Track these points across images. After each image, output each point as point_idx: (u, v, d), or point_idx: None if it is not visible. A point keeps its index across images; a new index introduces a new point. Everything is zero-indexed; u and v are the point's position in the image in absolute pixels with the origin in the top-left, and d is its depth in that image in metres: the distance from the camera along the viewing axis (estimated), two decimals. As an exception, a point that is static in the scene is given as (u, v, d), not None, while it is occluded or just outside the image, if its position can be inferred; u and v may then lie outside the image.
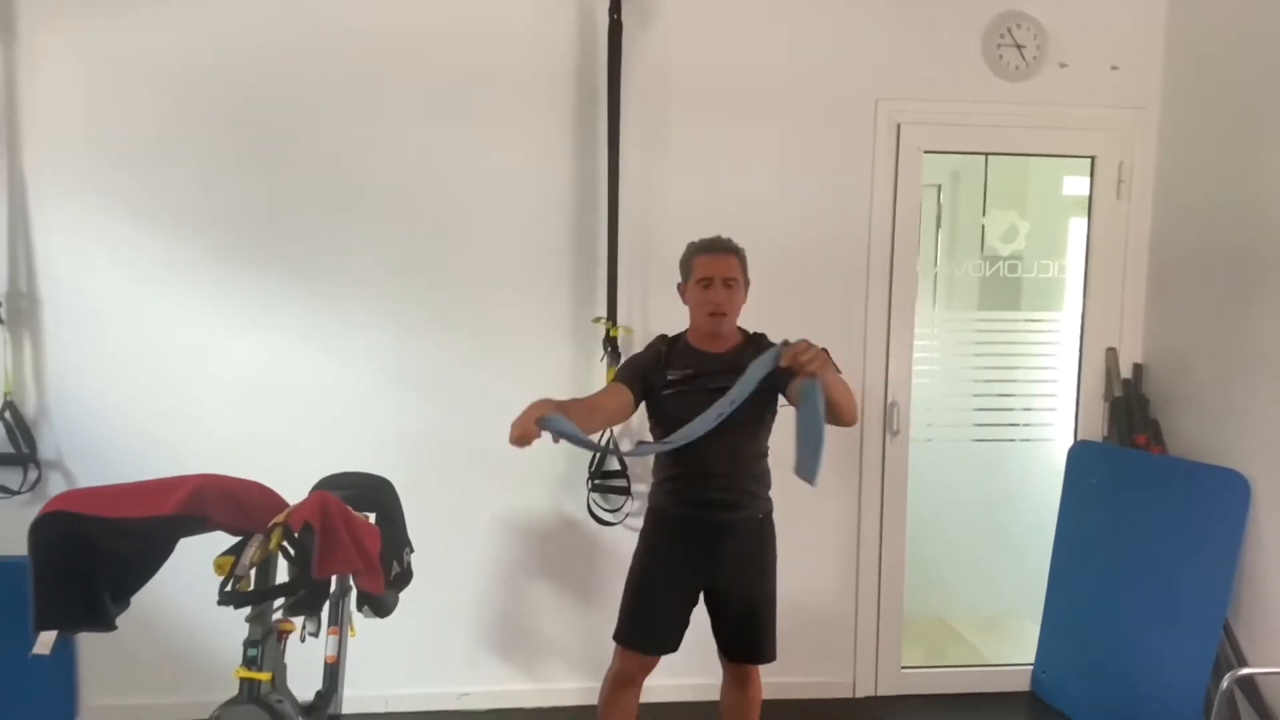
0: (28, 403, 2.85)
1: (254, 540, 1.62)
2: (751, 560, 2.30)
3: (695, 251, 2.29)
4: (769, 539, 2.35)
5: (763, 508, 2.34)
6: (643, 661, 2.33)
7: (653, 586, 2.30)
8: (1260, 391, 2.70)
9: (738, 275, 2.26)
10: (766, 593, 2.33)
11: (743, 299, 2.29)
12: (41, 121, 2.79)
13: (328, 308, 2.93)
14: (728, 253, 2.27)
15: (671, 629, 2.29)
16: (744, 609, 2.30)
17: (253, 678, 1.70)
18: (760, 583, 2.32)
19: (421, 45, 2.88)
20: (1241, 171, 2.79)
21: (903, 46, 3.04)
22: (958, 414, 3.38)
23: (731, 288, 2.23)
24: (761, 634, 2.32)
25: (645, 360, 2.33)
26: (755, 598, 2.31)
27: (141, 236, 2.85)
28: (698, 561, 2.27)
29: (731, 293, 2.23)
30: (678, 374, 2.26)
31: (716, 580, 2.29)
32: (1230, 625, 2.75)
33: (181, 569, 1.88)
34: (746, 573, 2.29)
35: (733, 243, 2.31)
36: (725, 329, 2.28)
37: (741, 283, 2.28)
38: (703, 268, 2.24)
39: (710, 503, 2.25)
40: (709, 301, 2.22)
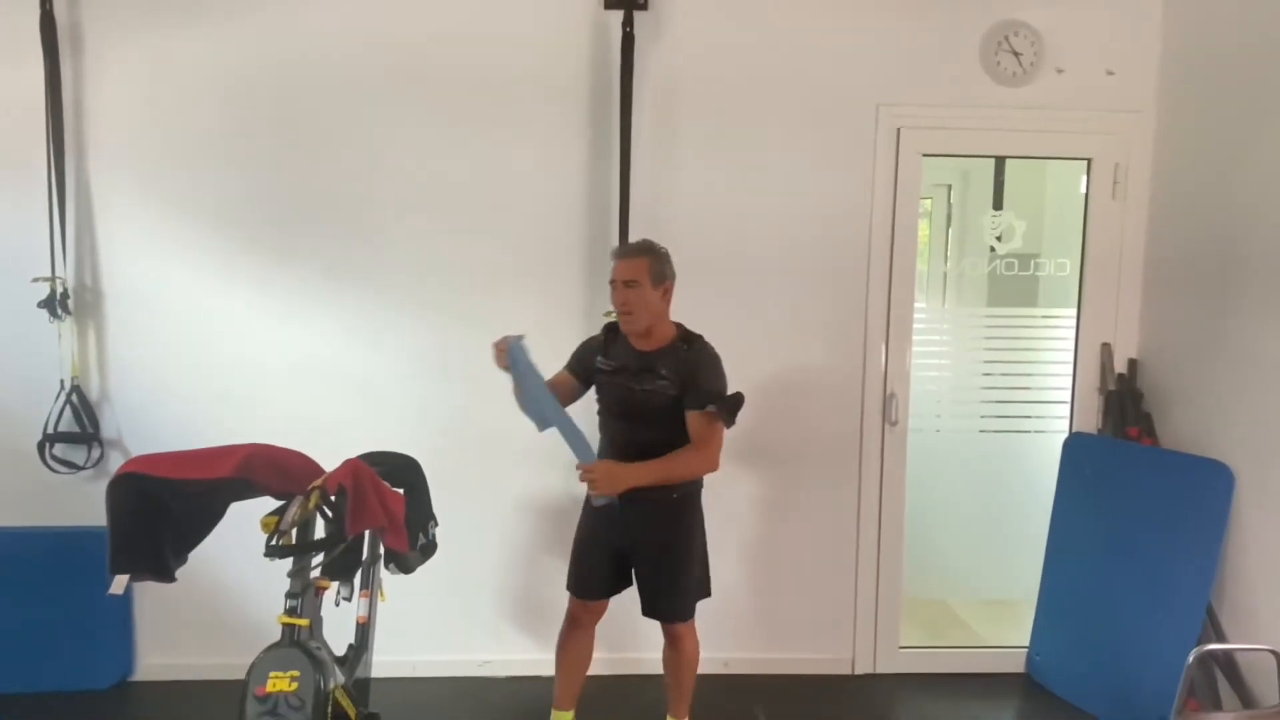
0: (92, 387, 3.12)
1: (295, 501, 1.84)
2: (662, 535, 2.53)
3: (611, 257, 2.51)
4: (685, 515, 2.55)
5: (678, 490, 2.51)
6: (584, 605, 2.65)
7: (582, 548, 2.64)
8: (1244, 387, 2.81)
9: (640, 276, 2.38)
10: (677, 563, 2.54)
11: (652, 298, 2.41)
12: (106, 129, 3.05)
13: (363, 300, 3.17)
14: (633, 256, 2.43)
15: (597, 581, 2.62)
16: (653, 577, 2.56)
17: (293, 623, 1.93)
18: (670, 554, 2.54)
19: (446, 56, 3.10)
20: (1233, 174, 2.88)
21: (903, 54, 3.18)
22: (966, 405, 3.52)
23: (633, 288, 2.38)
24: (666, 599, 2.56)
25: (589, 346, 2.59)
26: (664, 567, 2.54)
27: (195, 233, 3.11)
28: (614, 533, 2.55)
29: (633, 293, 2.38)
30: (608, 365, 2.52)
31: (631, 549, 2.57)
32: (1213, 607, 2.86)
33: (230, 541, 2.12)
34: (656, 545, 2.53)
35: (643, 245, 2.47)
36: (635, 328, 2.44)
37: (647, 283, 2.39)
38: (613, 271, 2.44)
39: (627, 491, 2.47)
40: (615, 302, 2.44)
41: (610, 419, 2.56)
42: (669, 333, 2.50)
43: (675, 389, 2.41)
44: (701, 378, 2.41)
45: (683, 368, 2.42)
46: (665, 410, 2.43)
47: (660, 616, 2.59)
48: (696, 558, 2.58)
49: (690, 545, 2.57)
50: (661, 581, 2.56)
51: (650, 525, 2.52)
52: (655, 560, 2.55)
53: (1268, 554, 2.71)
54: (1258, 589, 2.75)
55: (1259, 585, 2.74)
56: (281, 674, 1.87)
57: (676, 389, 2.41)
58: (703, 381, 2.41)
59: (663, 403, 2.42)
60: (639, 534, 2.54)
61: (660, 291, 2.44)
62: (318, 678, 1.89)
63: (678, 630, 2.61)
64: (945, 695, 3.27)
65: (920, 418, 3.42)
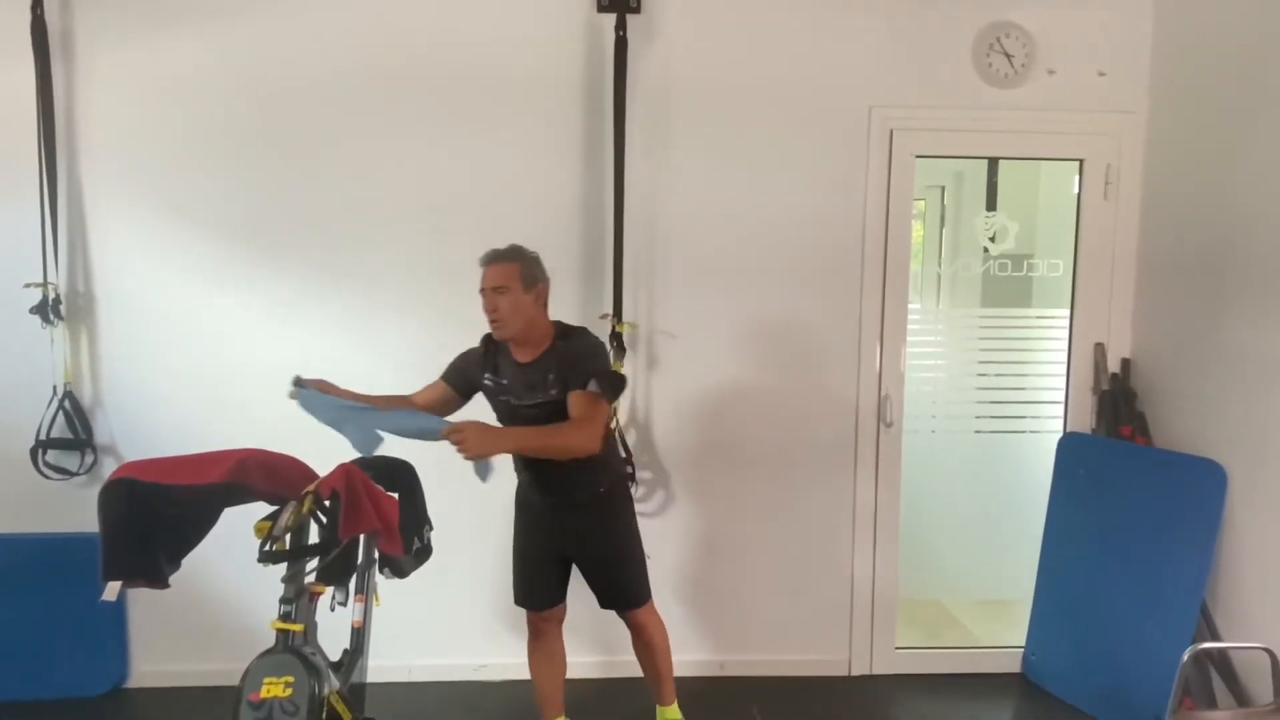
0: (84, 392, 3.11)
1: (289, 506, 1.84)
2: (593, 529, 2.55)
3: (479, 263, 2.41)
4: (611, 509, 2.57)
5: (603, 483, 2.53)
6: (542, 615, 2.65)
7: (521, 559, 2.64)
8: (1236, 386, 2.82)
9: (510, 281, 2.32)
10: (615, 553, 2.57)
11: (524, 302, 2.35)
12: (98, 134, 3.05)
13: (355, 304, 3.17)
14: (502, 261, 2.36)
15: (542, 589, 2.62)
16: (596, 569, 2.58)
17: (287, 629, 1.92)
18: (605, 546, 2.56)
19: (439, 60, 3.10)
20: (1224, 173, 2.89)
21: (895, 56, 3.19)
22: (961, 406, 3.53)
23: (502, 294, 2.32)
24: (614, 588, 2.59)
25: (469, 358, 2.53)
26: (604, 558, 2.57)
27: (187, 239, 3.10)
28: (550, 534, 2.57)
29: (503, 299, 2.32)
30: (492, 380, 2.47)
31: (568, 548, 2.58)
32: (1208, 605, 2.87)
33: (224, 547, 2.11)
34: (590, 540, 2.55)
35: (512, 250, 2.39)
36: (506, 334, 2.37)
37: (517, 288, 2.33)
38: (482, 278, 2.37)
39: (545, 489, 2.52)
40: (486, 309, 2.36)
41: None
42: (547, 336, 2.42)
43: (563, 393, 2.34)
44: (581, 364, 2.35)
45: (563, 365, 2.36)
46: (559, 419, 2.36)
47: (617, 607, 2.62)
48: (636, 544, 2.62)
49: (626, 534, 2.60)
50: (609, 576, 2.58)
51: (585, 524, 2.54)
52: (598, 557, 2.57)
53: (1261, 552, 2.72)
54: (1251, 587, 2.76)
55: (1253, 583, 2.75)
56: (276, 680, 1.86)
57: (563, 391, 2.34)
58: (583, 366, 2.34)
59: (558, 412, 2.35)
60: (575, 535, 2.55)
61: (533, 295, 2.37)
62: (312, 683, 1.89)
63: (638, 618, 2.63)
64: (941, 696, 3.28)
65: (916, 418, 3.42)
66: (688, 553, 3.33)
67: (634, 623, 2.65)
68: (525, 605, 2.67)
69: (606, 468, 2.56)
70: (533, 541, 2.61)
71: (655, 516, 3.29)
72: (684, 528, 3.32)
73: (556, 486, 2.50)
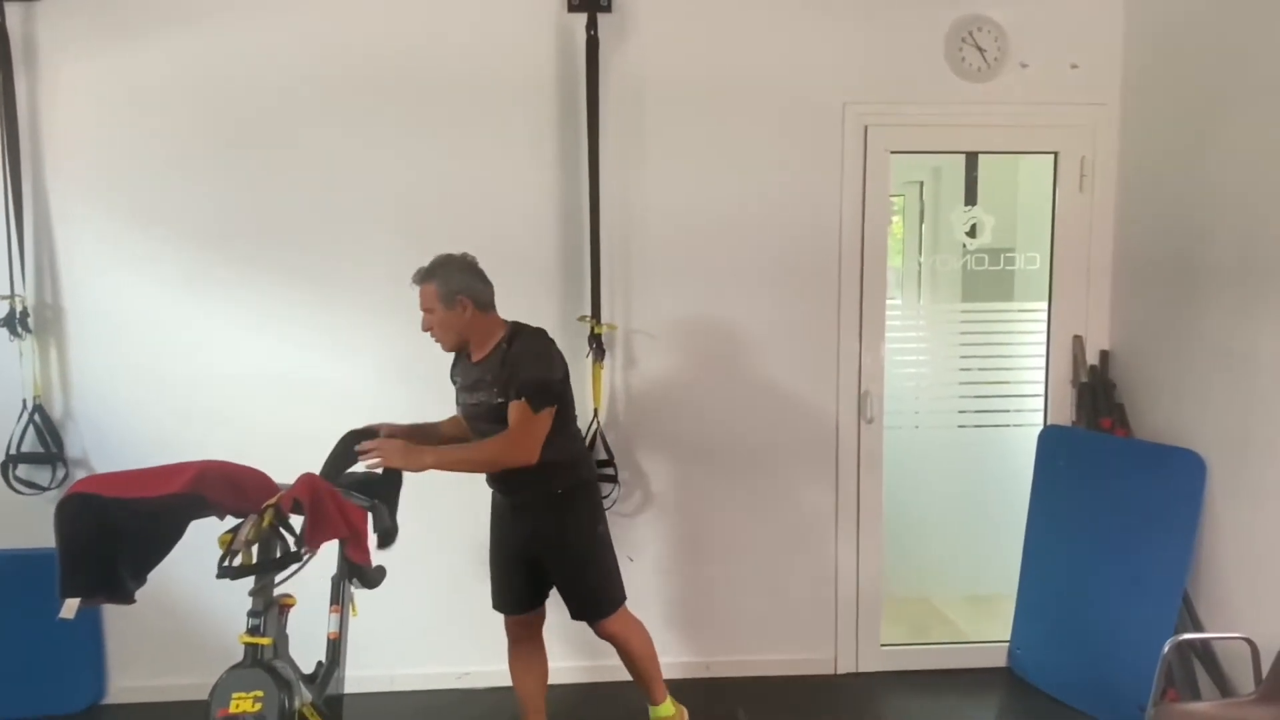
0: (55, 405, 3.07)
1: (249, 519, 1.81)
2: (552, 533, 2.50)
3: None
4: (573, 510, 2.52)
5: (559, 484, 2.48)
6: (516, 620, 2.64)
7: (493, 563, 2.64)
8: (1214, 377, 2.82)
9: (430, 303, 2.39)
10: (574, 557, 2.51)
11: (447, 318, 2.38)
12: (63, 143, 3.01)
13: (329, 310, 3.13)
14: (422, 282, 2.40)
15: (517, 592, 2.60)
16: (561, 580, 2.55)
17: (255, 642, 1.89)
18: (568, 552, 2.51)
19: (411, 63, 3.07)
20: (1198, 164, 2.89)
21: (868, 52, 3.18)
22: (944, 401, 3.52)
23: (431, 311, 2.39)
24: (578, 600, 2.55)
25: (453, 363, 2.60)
26: (562, 563, 2.52)
27: (156, 248, 3.06)
28: (513, 537, 2.57)
29: (431, 316, 2.40)
30: (456, 379, 2.57)
31: (530, 550, 2.54)
32: (1189, 596, 2.87)
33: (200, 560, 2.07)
34: (552, 547, 2.51)
35: (430, 268, 2.41)
36: (447, 347, 2.46)
37: (439, 307, 2.37)
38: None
39: (506, 488, 2.53)
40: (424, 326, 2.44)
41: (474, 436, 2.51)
42: (496, 337, 2.44)
43: (500, 395, 2.35)
44: (520, 370, 2.34)
45: (502, 369, 2.37)
46: (498, 420, 2.36)
47: (582, 618, 2.56)
48: (600, 550, 2.54)
49: (589, 539, 2.52)
50: (570, 582, 2.54)
51: (540, 526, 2.50)
52: (557, 562, 2.53)
53: (1241, 542, 2.72)
54: (1232, 577, 2.76)
55: (1233, 573, 2.75)
56: (245, 695, 1.83)
57: (501, 395, 2.35)
58: (520, 373, 2.34)
59: (491, 413, 2.37)
60: (537, 538, 2.51)
61: (457, 309, 2.37)
62: (282, 697, 1.86)
63: (607, 629, 2.55)
64: (928, 692, 3.27)
65: (899, 414, 3.42)
66: (670, 553, 3.31)
67: (604, 634, 2.56)
68: (498, 609, 2.66)
69: (563, 469, 2.48)
70: (501, 542, 2.61)
71: (636, 517, 3.27)
72: (666, 528, 3.30)
73: (511, 486, 2.51)
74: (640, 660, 2.64)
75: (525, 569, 2.57)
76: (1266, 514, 2.61)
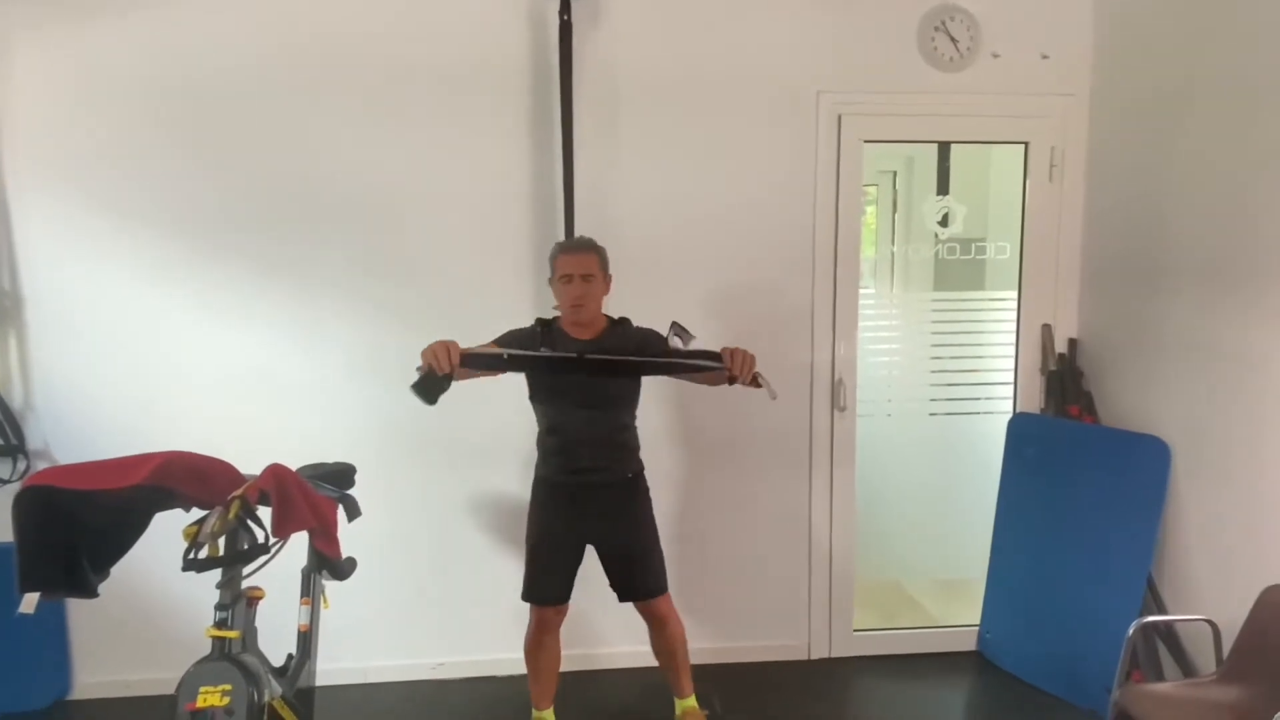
0: (15, 396, 2.99)
1: (215, 511, 1.78)
2: (622, 514, 2.61)
3: (558, 251, 2.56)
4: (638, 493, 2.65)
5: (631, 468, 2.64)
6: (556, 609, 2.66)
7: (539, 549, 2.62)
8: (1178, 364, 2.86)
9: (595, 270, 2.50)
10: (641, 540, 2.63)
11: (602, 290, 2.55)
12: (21, 126, 2.92)
13: (299, 303, 3.08)
14: (586, 251, 2.52)
15: (563, 582, 2.62)
16: (622, 555, 2.62)
17: (223, 636, 1.86)
18: (633, 531, 2.62)
19: (379, 50, 3.02)
20: (1165, 156, 2.92)
21: (841, 40, 3.18)
22: (916, 389, 3.55)
23: (589, 281, 2.48)
24: (639, 574, 2.63)
25: (523, 335, 2.57)
26: (630, 545, 2.61)
27: (120, 236, 2.99)
28: (575, 520, 2.59)
29: (589, 285, 2.48)
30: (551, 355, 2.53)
31: (594, 533, 2.59)
32: (1154, 579, 2.93)
33: (166, 553, 2.03)
34: (619, 524, 2.60)
35: (592, 242, 2.57)
36: (586, 318, 2.53)
37: (600, 276, 2.52)
38: (564, 265, 2.49)
39: (582, 469, 2.55)
40: (570, 295, 2.49)
41: (567, 410, 2.54)
42: (602, 318, 2.59)
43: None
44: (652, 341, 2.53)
45: (632, 344, 2.52)
46: (630, 392, 2.57)
47: (642, 594, 2.62)
48: (655, 530, 2.66)
49: (651, 519, 2.65)
50: (636, 562, 2.61)
51: (614, 507, 2.58)
52: (625, 542, 2.60)
53: (1204, 525, 2.77)
54: (1195, 560, 2.82)
55: (1196, 556, 2.81)
56: (212, 688, 1.81)
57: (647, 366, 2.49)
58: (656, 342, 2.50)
59: (627, 384, 2.55)
60: (602, 519, 2.57)
61: (606, 284, 2.57)
62: (251, 690, 1.83)
63: (661, 608, 2.65)
64: (899, 676, 3.31)
65: (871, 402, 3.44)
66: (645, 543, 3.31)
67: (657, 613, 2.65)
68: (539, 599, 2.63)
69: (636, 451, 2.65)
70: (554, 529, 2.60)
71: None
72: (641, 518, 3.30)
73: (593, 464, 2.54)
74: (682, 646, 2.73)
75: (575, 556, 2.61)
76: (1228, 499, 2.67)
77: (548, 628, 2.68)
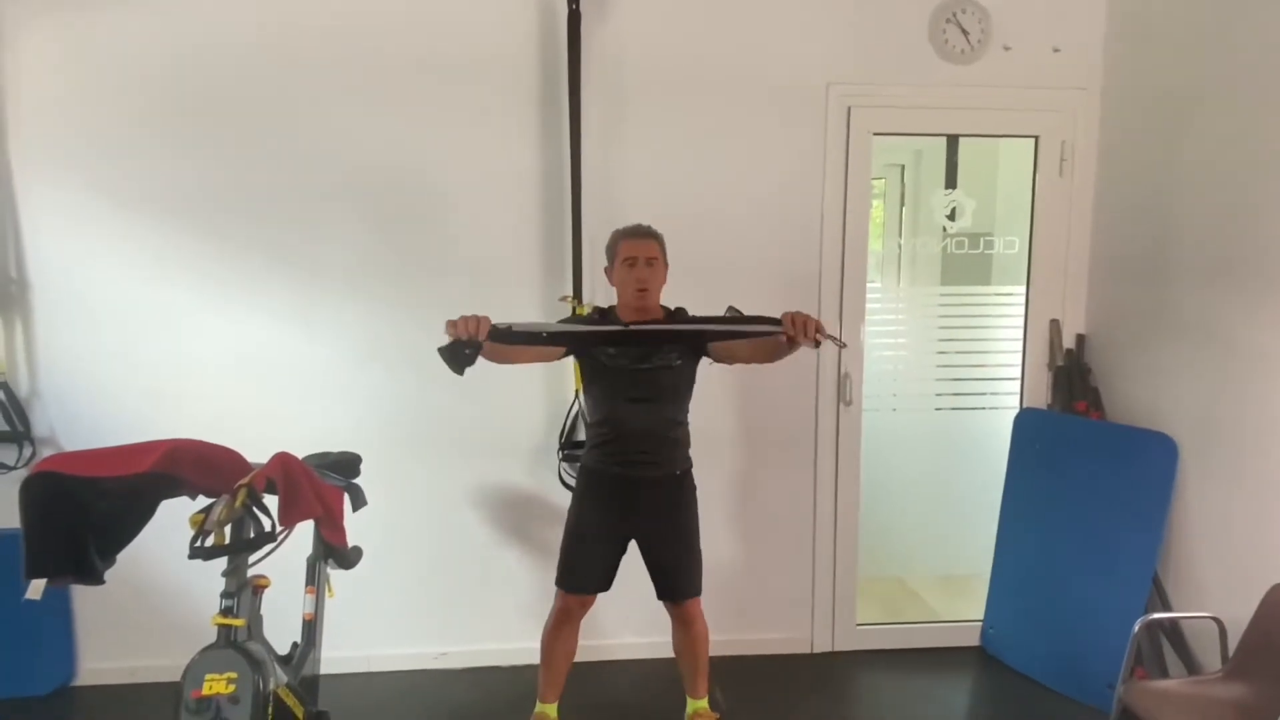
0: (21, 383, 2.99)
1: (222, 499, 1.77)
2: (669, 511, 2.58)
3: (621, 237, 2.54)
4: (686, 491, 2.62)
5: (680, 465, 2.60)
6: (580, 600, 2.61)
7: (584, 537, 2.58)
8: (1187, 361, 2.85)
9: (658, 255, 2.51)
10: (685, 539, 2.60)
11: (663, 278, 2.54)
12: (26, 113, 2.91)
13: (305, 290, 3.07)
14: (649, 236, 2.53)
15: (601, 573, 2.58)
16: (665, 553, 2.57)
17: (228, 624, 1.86)
18: (678, 530, 2.59)
19: (388, 37, 3.00)
20: (1176, 151, 2.90)
21: (852, 32, 3.16)
22: (921, 384, 3.54)
23: (653, 266, 2.49)
24: (681, 574, 2.59)
25: (581, 320, 2.58)
26: (674, 543, 2.59)
27: (126, 222, 2.98)
28: (622, 512, 2.54)
29: (653, 270, 2.48)
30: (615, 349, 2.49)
31: (639, 528, 2.56)
32: (1159, 576, 2.92)
33: (172, 540, 2.03)
34: (664, 521, 2.57)
35: (653, 229, 2.57)
36: (649, 303, 2.51)
37: (661, 262, 2.52)
38: (628, 249, 2.49)
39: (632, 462, 2.51)
40: (635, 279, 2.46)
41: (619, 402, 2.49)
42: (659, 308, 2.55)
43: (683, 359, 2.49)
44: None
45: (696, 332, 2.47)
46: (684, 384, 2.54)
47: (679, 596, 2.60)
48: (698, 530, 2.63)
49: (696, 519, 2.62)
50: (680, 560, 2.59)
51: (663, 502, 2.56)
52: (670, 540, 2.58)
53: (1210, 523, 2.76)
54: (1201, 557, 2.81)
55: (1202, 554, 2.80)
56: (218, 676, 1.81)
57: (684, 359, 2.49)
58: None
59: (682, 373, 2.51)
60: (651, 513, 2.54)
61: (666, 270, 2.55)
62: (256, 678, 1.83)
63: (691, 610, 2.63)
64: (902, 671, 3.31)
65: (877, 397, 3.43)
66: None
67: (689, 613, 2.63)
68: (573, 587, 2.59)
69: (688, 449, 2.62)
70: (598, 520, 2.56)
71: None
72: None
73: (643, 458, 2.50)
74: (705, 647, 2.69)
75: (616, 549, 2.58)
76: (1236, 496, 2.66)
77: (570, 618, 2.63)
